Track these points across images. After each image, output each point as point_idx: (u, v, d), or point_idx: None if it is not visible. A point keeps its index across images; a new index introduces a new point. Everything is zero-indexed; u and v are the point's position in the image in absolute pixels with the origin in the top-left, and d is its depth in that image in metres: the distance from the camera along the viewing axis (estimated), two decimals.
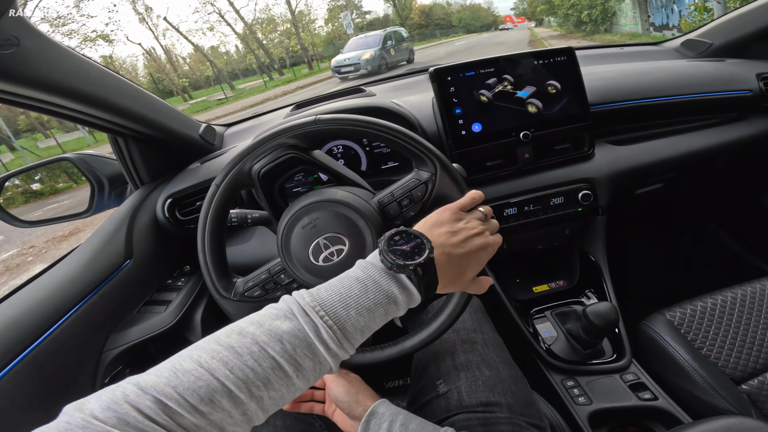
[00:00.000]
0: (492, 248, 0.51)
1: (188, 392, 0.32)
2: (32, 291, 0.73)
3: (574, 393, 0.89)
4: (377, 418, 0.57)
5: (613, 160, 0.99)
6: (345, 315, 0.41)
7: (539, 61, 0.90)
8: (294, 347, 0.38)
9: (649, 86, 1.03)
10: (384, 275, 0.44)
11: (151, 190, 0.96)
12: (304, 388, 0.39)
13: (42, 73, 0.65)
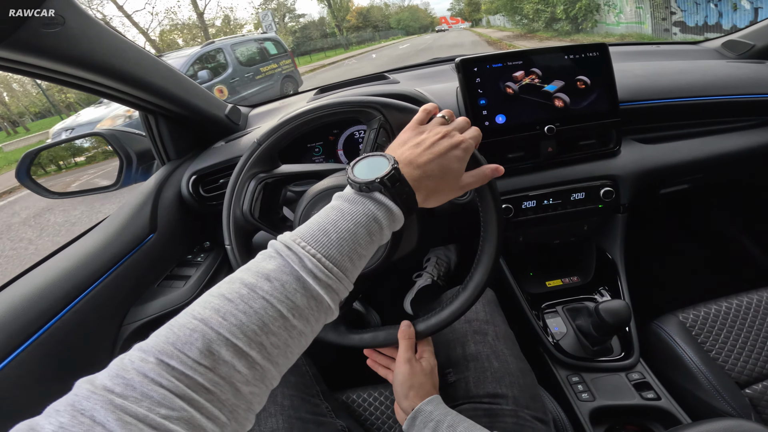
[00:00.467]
0: (465, 143, 0.50)
1: (186, 346, 0.31)
2: (60, 261, 0.75)
3: (578, 389, 0.91)
4: (423, 417, 0.58)
5: (640, 158, 0.97)
6: (326, 241, 0.39)
7: (569, 56, 0.87)
8: (282, 284, 0.36)
9: (685, 86, 1.00)
10: (356, 196, 0.44)
11: (177, 167, 0.99)
12: (308, 331, 0.38)
13: (84, 51, 0.66)
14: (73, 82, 0.71)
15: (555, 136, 0.91)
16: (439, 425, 0.56)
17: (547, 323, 1.02)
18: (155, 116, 0.94)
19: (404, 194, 0.44)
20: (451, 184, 0.49)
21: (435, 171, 0.47)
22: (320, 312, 0.38)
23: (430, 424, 0.57)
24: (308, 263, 0.37)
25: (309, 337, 0.38)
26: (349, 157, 1.04)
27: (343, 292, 0.40)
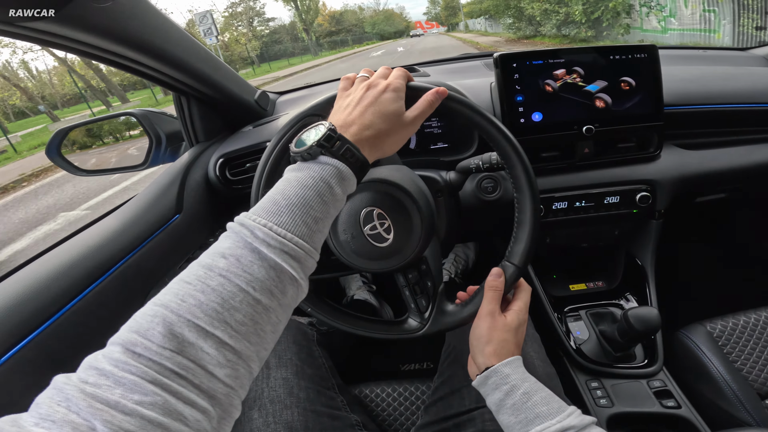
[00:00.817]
0: (392, 84, 0.51)
1: (149, 332, 0.31)
2: (84, 239, 0.75)
3: (597, 394, 0.90)
4: (497, 378, 0.54)
5: (681, 164, 0.93)
6: (276, 210, 0.39)
7: (615, 56, 0.83)
8: (237, 258, 0.36)
9: (734, 92, 0.95)
10: (301, 164, 0.45)
11: (205, 149, 0.99)
12: (275, 305, 0.37)
13: (131, 29, 0.66)
14: (115, 60, 0.70)
15: (593, 137, 0.88)
16: (513, 390, 0.53)
17: (569, 327, 1.01)
18: (188, 98, 0.94)
19: (347, 151, 0.45)
20: (396, 124, 0.50)
21: (372, 120, 0.48)
22: (284, 283, 0.37)
23: (504, 387, 0.53)
24: (260, 234, 0.37)
25: (279, 312, 0.38)
26: None
27: (306, 259, 0.40)
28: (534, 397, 0.51)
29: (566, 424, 0.48)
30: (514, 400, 0.52)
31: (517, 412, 0.51)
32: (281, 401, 0.68)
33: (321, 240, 0.43)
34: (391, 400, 0.85)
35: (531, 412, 0.50)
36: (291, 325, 0.83)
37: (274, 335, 0.38)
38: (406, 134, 0.52)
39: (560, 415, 0.49)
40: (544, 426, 0.48)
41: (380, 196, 0.61)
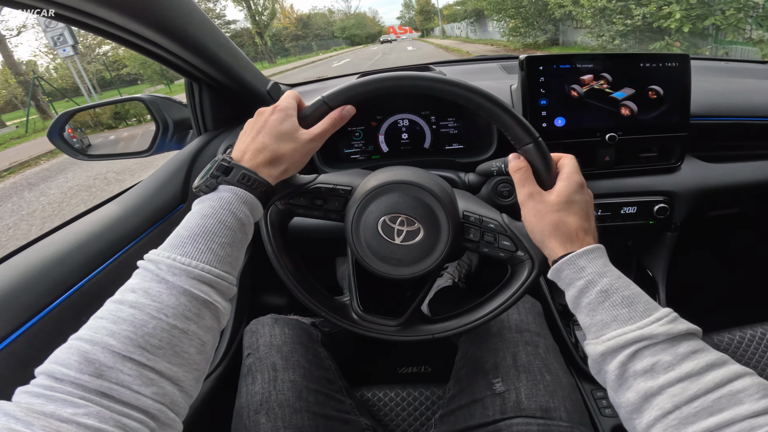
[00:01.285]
0: (279, 107, 0.53)
1: (66, 361, 0.33)
2: (85, 225, 0.72)
3: (602, 404, 0.89)
4: (571, 271, 0.47)
5: (701, 176, 0.92)
6: (179, 242, 0.42)
7: (645, 64, 0.81)
8: (145, 290, 0.38)
9: (759, 105, 0.93)
10: (202, 197, 0.48)
11: (213, 138, 0.96)
12: (193, 329, 0.39)
13: (153, 7, 0.63)
14: (132, 40, 0.67)
15: (615, 146, 0.85)
16: (588, 287, 0.46)
17: (577, 336, 1.00)
18: (200, 85, 0.90)
19: (242, 177, 0.48)
20: (290, 141, 0.51)
21: (264, 142, 0.50)
22: (198, 308, 0.39)
23: (578, 283, 0.46)
24: (164, 266, 0.40)
25: (200, 334, 0.39)
26: (389, 146, 1.00)
27: (217, 283, 0.41)
28: (613, 296, 0.44)
29: (648, 332, 0.41)
30: (590, 298, 0.45)
31: (592, 313, 0.45)
32: (290, 405, 0.65)
33: (234, 263, 0.45)
34: (394, 405, 0.83)
35: (608, 313, 0.44)
36: (295, 326, 0.81)
37: (203, 355, 0.40)
38: (306, 150, 0.53)
39: (644, 319, 0.42)
40: (620, 332, 0.42)
41: (406, 199, 0.58)
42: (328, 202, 0.61)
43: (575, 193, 0.51)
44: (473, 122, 0.96)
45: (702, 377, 0.37)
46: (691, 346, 0.40)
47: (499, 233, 0.60)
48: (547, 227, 0.50)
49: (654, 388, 0.39)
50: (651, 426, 0.38)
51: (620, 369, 0.41)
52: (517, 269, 0.61)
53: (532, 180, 0.53)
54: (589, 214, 0.51)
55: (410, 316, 0.63)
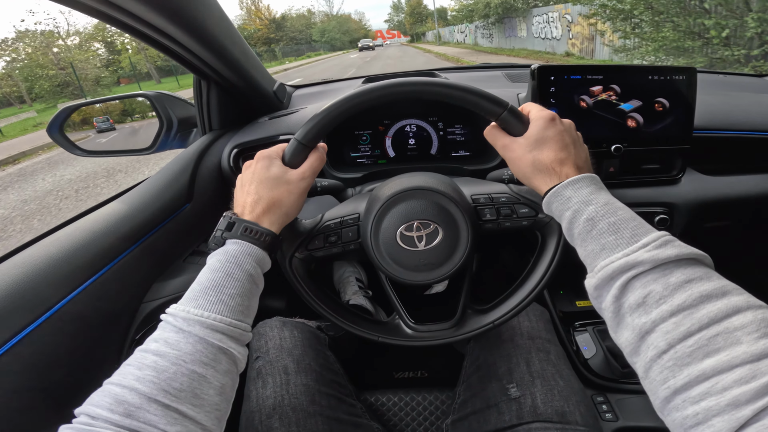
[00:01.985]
0: (260, 155, 0.56)
1: (100, 402, 0.36)
2: (90, 223, 0.71)
3: (602, 409, 0.91)
4: (559, 202, 0.48)
5: (700, 189, 0.94)
6: (193, 296, 0.45)
7: (654, 77, 0.83)
8: (165, 340, 0.41)
9: (759, 119, 0.96)
10: (212, 254, 0.51)
11: (219, 137, 0.95)
12: (210, 373, 0.41)
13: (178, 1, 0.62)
14: (149, 33, 0.66)
15: (620, 157, 0.87)
16: (576, 217, 0.45)
17: (577, 342, 1.01)
18: (209, 83, 0.89)
19: (245, 230, 0.51)
20: (281, 185, 0.54)
21: (257, 194, 0.53)
22: (214, 353, 0.42)
23: (567, 214, 0.46)
24: (179, 318, 0.43)
25: (219, 377, 0.42)
26: (396, 151, 1.00)
27: (230, 331, 0.44)
28: (600, 223, 0.43)
29: (633, 259, 0.39)
30: (579, 228, 0.45)
31: (584, 244, 0.44)
32: (303, 409, 0.65)
33: (246, 311, 0.48)
34: (398, 410, 0.83)
35: (596, 242, 0.43)
36: (303, 329, 0.80)
37: (223, 397, 0.42)
38: (300, 190, 0.55)
39: (630, 246, 0.40)
40: (607, 261, 0.40)
41: (414, 204, 0.59)
42: (342, 236, 0.62)
43: (544, 129, 0.51)
44: (481, 129, 0.97)
45: (696, 311, 0.35)
46: (686, 275, 0.37)
47: (514, 203, 0.60)
48: (527, 169, 0.51)
49: (647, 324, 0.36)
50: (648, 368, 0.36)
51: (615, 305, 0.39)
52: (545, 231, 0.61)
53: (503, 133, 0.55)
54: (565, 144, 0.51)
55: (462, 313, 0.64)
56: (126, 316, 0.71)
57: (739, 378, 0.30)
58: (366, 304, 1.17)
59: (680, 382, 0.33)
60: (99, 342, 0.65)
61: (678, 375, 0.33)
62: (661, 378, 0.34)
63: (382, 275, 0.63)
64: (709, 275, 0.37)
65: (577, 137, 0.54)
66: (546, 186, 0.50)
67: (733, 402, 0.29)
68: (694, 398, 0.32)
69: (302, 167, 0.56)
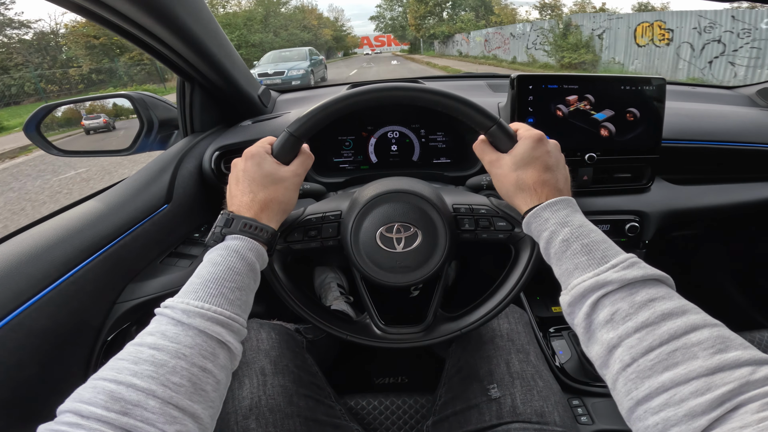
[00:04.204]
0: (248, 153, 0.55)
1: (93, 400, 0.34)
2: (65, 221, 0.69)
3: (578, 412, 0.92)
4: (538, 223, 0.50)
5: (668, 197, 0.98)
6: (192, 289, 0.45)
7: (626, 87, 0.86)
8: (163, 333, 0.40)
9: (725, 130, 1.01)
10: (212, 249, 0.51)
11: (201, 139, 0.95)
12: (210, 367, 0.40)
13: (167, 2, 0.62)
14: (135, 33, 0.66)
15: (594, 165, 0.90)
16: (553, 237, 0.48)
17: (553, 347, 1.03)
18: (193, 85, 0.89)
19: (244, 226, 0.51)
20: (273, 183, 0.54)
21: (252, 192, 0.53)
22: (213, 347, 0.42)
23: (544, 234, 0.49)
24: (178, 310, 0.42)
25: (216, 372, 0.41)
26: (378, 156, 1.02)
27: (229, 324, 0.44)
28: (574, 244, 0.46)
29: (603, 278, 0.42)
30: (555, 248, 0.48)
31: (559, 263, 0.47)
32: (281, 410, 0.64)
33: (244, 306, 0.48)
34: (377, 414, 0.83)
35: (570, 262, 0.46)
36: (281, 331, 0.80)
37: (217, 393, 0.41)
38: (294, 185, 0.56)
39: (601, 266, 0.43)
40: (579, 280, 0.43)
41: (396, 207, 0.60)
42: (322, 231, 0.62)
43: (531, 149, 0.53)
44: (461, 137, 0.99)
45: (657, 328, 0.37)
46: (650, 294, 0.40)
47: (492, 216, 0.62)
48: (510, 188, 0.54)
49: (614, 339, 0.39)
50: (615, 380, 0.38)
51: (586, 321, 0.42)
52: (519, 246, 0.63)
53: (491, 149, 0.57)
54: (548, 166, 0.53)
55: (433, 318, 0.64)
56: (98, 316, 0.69)
57: (695, 390, 0.33)
58: (348, 310, 1.17)
59: (642, 394, 0.35)
60: (70, 343, 0.64)
61: (640, 387, 0.36)
62: (626, 389, 0.37)
63: (357, 274, 0.64)
64: (670, 295, 0.40)
65: (561, 158, 0.57)
66: (526, 206, 0.52)
67: (689, 413, 0.32)
68: (654, 409, 0.34)
69: (294, 163, 0.57)
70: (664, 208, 0.97)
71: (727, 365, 0.33)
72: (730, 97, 1.30)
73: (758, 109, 1.19)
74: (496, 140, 0.56)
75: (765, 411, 0.30)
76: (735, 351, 0.34)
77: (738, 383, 0.32)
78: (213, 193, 0.94)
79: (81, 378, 0.64)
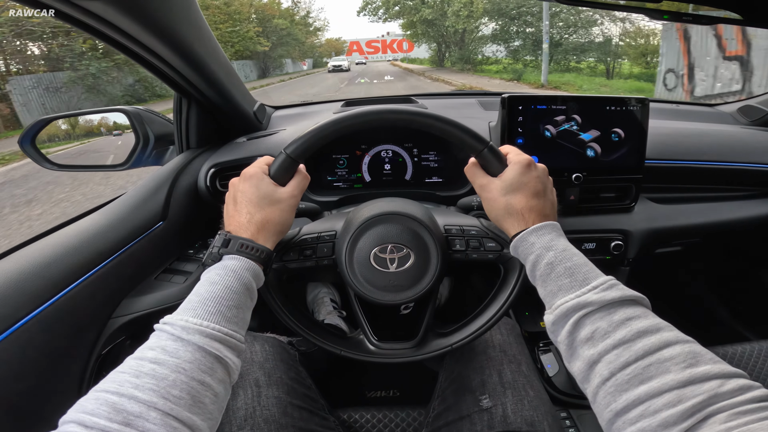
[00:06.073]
0: (245, 175, 0.57)
1: (96, 411, 0.35)
2: (63, 238, 0.70)
3: (565, 424, 0.94)
4: (524, 247, 0.53)
5: (651, 217, 1.01)
6: (190, 306, 0.46)
7: (611, 107, 0.90)
8: (163, 348, 0.41)
9: (707, 149, 1.04)
10: (210, 268, 0.52)
11: (196, 156, 0.95)
12: (209, 380, 0.42)
13: (169, 20, 0.63)
14: (135, 50, 0.67)
15: (580, 185, 0.93)
16: (538, 261, 0.51)
17: (541, 360, 1.05)
18: (190, 101, 0.90)
19: (241, 247, 0.52)
20: (270, 204, 0.55)
21: (249, 214, 0.54)
22: (211, 362, 0.43)
23: (530, 258, 0.52)
24: (177, 327, 0.43)
25: (214, 386, 0.42)
26: (372, 176, 1.03)
27: (226, 341, 0.45)
28: (558, 267, 0.49)
29: (584, 300, 0.45)
30: (540, 271, 0.51)
31: (544, 284, 0.50)
32: (276, 421, 0.65)
33: (241, 323, 0.49)
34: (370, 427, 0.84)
35: (554, 284, 0.49)
36: (274, 343, 0.81)
37: (216, 406, 0.43)
38: (290, 207, 0.57)
39: (582, 288, 0.46)
40: (562, 301, 0.47)
41: (390, 228, 0.62)
42: (317, 250, 0.64)
43: (520, 175, 0.56)
44: (453, 156, 1.02)
45: (633, 344, 0.40)
46: (627, 314, 0.43)
47: (482, 237, 0.65)
48: (500, 212, 0.56)
49: (594, 355, 0.42)
50: (595, 393, 0.41)
51: (569, 339, 0.45)
52: (507, 266, 0.65)
53: (482, 173, 0.59)
54: (536, 191, 0.56)
55: (424, 334, 0.66)
56: (93, 330, 0.71)
57: (667, 402, 0.35)
58: (341, 324, 1.18)
59: (620, 406, 0.38)
60: (65, 356, 0.65)
61: (618, 399, 0.39)
62: (605, 402, 0.40)
63: (351, 292, 0.65)
64: (645, 314, 0.44)
65: (548, 182, 0.60)
66: (514, 230, 0.55)
67: (663, 423, 0.35)
68: (631, 420, 0.37)
69: (291, 185, 0.58)
70: (646, 227, 1.01)
71: (697, 378, 0.36)
72: (711, 115, 1.34)
73: (739, 127, 1.24)
74: (487, 163, 0.59)
75: (732, 421, 0.32)
76: (705, 365, 0.37)
77: (707, 395, 0.34)
78: (208, 210, 0.95)
79: (76, 390, 0.66)
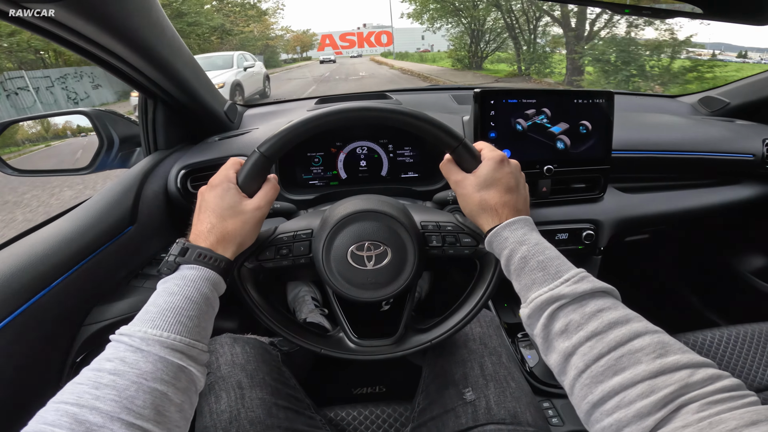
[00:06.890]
0: (215, 180, 0.56)
1: (57, 422, 0.34)
2: (28, 246, 0.67)
3: (548, 414, 0.95)
4: (498, 242, 0.53)
5: (619, 206, 1.05)
6: (149, 317, 0.45)
7: (578, 100, 0.92)
8: (122, 359, 0.40)
9: (669, 140, 1.09)
10: (166, 278, 0.50)
11: (165, 157, 0.93)
12: (172, 390, 0.41)
13: (130, 23, 0.61)
14: (95, 53, 0.65)
15: (552, 177, 0.95)
16: (512, 255, 0.51)
17: (522, 352, 1.06)
18: (155, 102, 0.87)
19: (199, 256, 0.51)
20: (234, 214, 0.54)
21: (211, 222, 0.53)
22: (174, 372, 0.42)
23: (504, 252, 0.52)
24: (136, 338, 0.42)
25: (179, 395, 0.42)
26: (347, 172, 1.03)
27: (188, 350, 0.44)
28: (531, 261, 0.50)
29: (556, 292, 0.46)
30: (514, 265, 0.51)
31: (518, 279, 0.51)
32: (261, 422, 0.64)
33: (203, 332, 0.48)
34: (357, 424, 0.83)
35: (528, 278, 0.49)
36: (255, 345, 0.79)
37: (181, 414, 0.42)
38: (255, 220, 0.56)
39: (555, 281, 0.47)
40: (536, 294, 0.47)
41: (367, 226, 0.61)
42: (294, 249, 0.63)
43: (493, 171, 0.56)
44: (428, 152, 1.02)
45: (606, 336, 0.41)
46: (598, 305, 0.44)
47: (458, 233, 0.65)
48: (474, 208, 0.57)
49: (569, 348, 0.42)
50: (572, 386, 0.42)
51: (544, 332, 0.46)
52: (483, 261, 0.66)
53: (456, 169, 0.60)
54: (509, 187, 0.57)
55: (404, 331, 0.66)
56: (66, 339, 0.68)
57: (641, 393, 0.36)
58: (323, 322, 1.16)
59: (596, 398, 0.39)
60: (36, 367, 0.62)
61: (594, 391, 0.39)
62: (582, 394, 0.40)
63: (330, 290, 0.65)
64: (615, 305, 0.44)
65: (521, 178, 0.60)
66: (488, 225, 0.56)
67: (638, 414, 0.35)
68: (608, 411, 0.38)
69: (258, 196, 0.57)
70: (616, 216, 1.04)
71: (668, 369, 0.37)
72: (674, 105, 1.40)
73: (699, 117, 1.30)
74: (461, 159, 0.60)
75: (704, 411, 0.33)
76: (674, 355, 0.38)
77: (678, 385, 0.35)
78: (180, 213, 0.92)
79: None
